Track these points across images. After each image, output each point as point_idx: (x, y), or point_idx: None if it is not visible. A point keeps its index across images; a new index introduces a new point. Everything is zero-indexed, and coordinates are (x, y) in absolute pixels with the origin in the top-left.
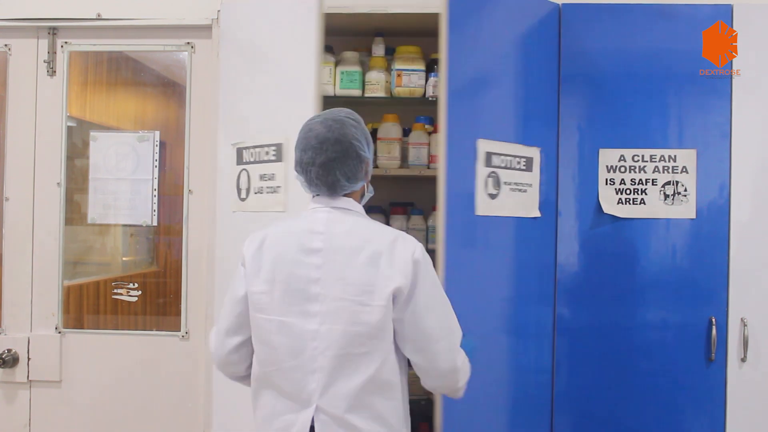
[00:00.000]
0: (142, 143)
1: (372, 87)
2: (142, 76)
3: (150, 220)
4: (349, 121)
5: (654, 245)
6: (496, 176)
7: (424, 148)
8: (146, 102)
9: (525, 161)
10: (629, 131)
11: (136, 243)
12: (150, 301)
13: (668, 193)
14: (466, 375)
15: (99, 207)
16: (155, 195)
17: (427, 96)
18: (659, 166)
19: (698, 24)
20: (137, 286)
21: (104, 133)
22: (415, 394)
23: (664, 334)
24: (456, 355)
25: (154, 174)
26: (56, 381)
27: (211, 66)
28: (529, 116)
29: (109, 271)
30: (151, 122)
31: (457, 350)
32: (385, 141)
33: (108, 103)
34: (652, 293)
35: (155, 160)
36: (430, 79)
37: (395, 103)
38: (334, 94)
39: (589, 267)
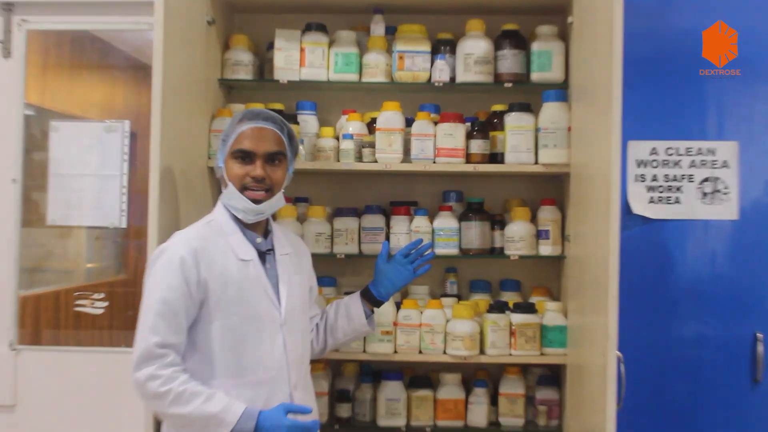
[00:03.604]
0: (109, 134)
1: (370, 71)
2: (110, 58)
3: (118, 222)
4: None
5: (690, 250)
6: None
7: (429, 140)
8: (115, 87)
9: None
10: (662, 121)
11: (103, 248)
12: (118, 314)
13: (706, 191)
14: (148, 398)
15: (60, 207)
16: (125, 193)
17: (433, 81)
18: (696, 160)
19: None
20: (103, 296)
21: (67, 122)
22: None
23: (701, 351)
24: (134, 365)
25: (123, 169)
26: (9, 405)
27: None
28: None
29: (71, 280)
30: (121, 110)
31: (137, 361)
32: (385, 132)
33: (71, 89)
34: (689, 305)
35: (125, 154)
36: (437, 62)
37: (397, 89)
38: (327, 79)
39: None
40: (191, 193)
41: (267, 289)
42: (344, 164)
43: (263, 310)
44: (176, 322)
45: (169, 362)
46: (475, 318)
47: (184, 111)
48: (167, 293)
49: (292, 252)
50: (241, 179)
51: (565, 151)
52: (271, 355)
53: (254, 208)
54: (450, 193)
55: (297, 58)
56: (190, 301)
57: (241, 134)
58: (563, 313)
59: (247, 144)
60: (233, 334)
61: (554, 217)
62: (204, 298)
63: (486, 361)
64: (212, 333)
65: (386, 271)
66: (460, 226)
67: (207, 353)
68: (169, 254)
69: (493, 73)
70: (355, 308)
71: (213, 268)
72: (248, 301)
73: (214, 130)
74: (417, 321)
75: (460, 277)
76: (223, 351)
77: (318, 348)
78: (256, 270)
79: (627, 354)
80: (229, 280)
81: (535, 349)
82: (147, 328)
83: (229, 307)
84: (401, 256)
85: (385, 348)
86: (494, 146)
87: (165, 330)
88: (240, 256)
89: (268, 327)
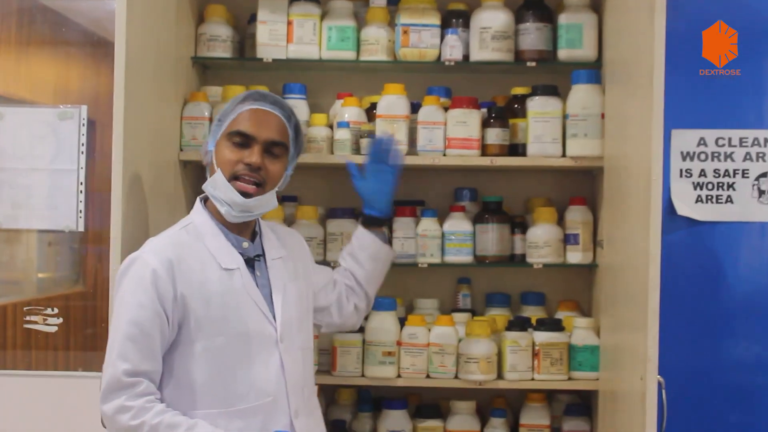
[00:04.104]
0: (64, 122)
1: (370, 48)
2: (65, 32)
3: (75, 225)
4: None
5: (744, 258)
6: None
7: (438, 128)
8: (70, 67)
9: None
10: (711, 106)
11: (57, 255)
12: (74, 332)
13: (764, 188)
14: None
15: (6, 206)
16: (82, 191)
17: (443, 60)
18: (752, 152)
19: None
20: (57, 311)
21: (13, 108)
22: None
23: (756, 376)
24: (101, 396)
25: (80, 163)
26: None
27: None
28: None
29: (20, 292)
30: (77, 94)
31: (105, 391)
32: (387, 119)
33: (18, 69)
34: (742, 322)
35: (82, 145)
36: (448, 38)
37: (400, 69)
38: (319, 57)
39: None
40: (161, 191)
41: (258, 301)
42: (339, 157)
43: (254, 327)
44: (149, 346)
45: (141, 391)
46: (492, 337)
47: (152, 95)
48: (137, 313)
49: (285, 255)
50: (233, 165)
51: (597, 142)
52: (265, 379)
53: (242, 202)
54: (463, 190)
55: (284, 32)
56: (165, 321)
57: (241, 115)
58: (595, 330)
59: (247, 126)
60: (219, 358)
61: (584, 219)
62: (182, 317)
63: (505, 386)
64: (194, 357)
65: (367, 187)
66: (474, 229)
67: (187, 381)
68: (139, 266)
69: (513, 51)
70: (371, 242)
71: (192, 281)
72: (235, 318)
73: (187, 117)
74: (424, 340)
75: (474, 288)
76: (207, 378)
77: (363, 306)
78: (243, 280)
79: (669, 378)
80: (212, 294)
81: (562, 372)
82: (115, 353)
83: (212, 326)
84: (373, 164)
85: (386, 371)
86: (514, 136)
87: (135, 356)
88: (223, 264)
89: (260, 346)
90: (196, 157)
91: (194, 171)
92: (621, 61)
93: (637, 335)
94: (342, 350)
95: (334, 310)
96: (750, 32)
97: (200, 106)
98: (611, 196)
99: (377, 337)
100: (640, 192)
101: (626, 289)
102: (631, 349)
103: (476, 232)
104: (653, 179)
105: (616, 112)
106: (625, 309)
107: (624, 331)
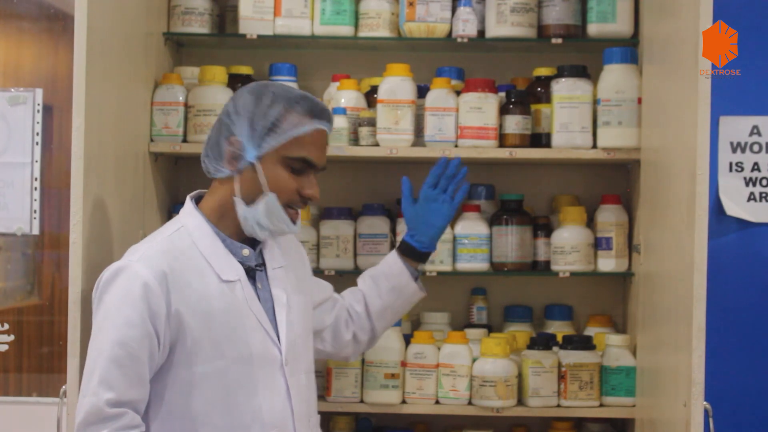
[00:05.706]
0: (14, 107)
1: (370, 22)
2: (16, 4)
3: (28, 227)
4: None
5: None
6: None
7: (450, 115)
8: (22, 45)
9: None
10: (766, 90)
11: (7, 262)
12: (28, 351)
13: None
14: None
15: None
16: (37, 188)
17: (455, 36)
18: None
19: None
20: (8, 327)
21: None
22: None
23: None
24: (77, 427)
25: (34, 155)
26: None
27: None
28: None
29: None
30: (30, 76)
31: (83, 422)
32: (390, 104)
33: None
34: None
35: (37, 134)
36: (460, 10)
37: (405, 46)
38: (311, 33)
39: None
40: (129, 187)
41: (261, 318)
42: (334, 148)
43: (257, 348)
44: (136, 371)
45: (125, 424)
46: (512, 356)
47: (118, 76)
48: (125, 332)
49: (286, 264)
50: (291, 195)
51: (633, 131)
52: (270, 408)
53: (290, 230)
54: (477, 187)
55: (270, 4)
56: (155, 342)
57: (309, 136)
58: (630, 349)
59: (315, 153)
60: (219, 384)
61: (619, 220)
62: (176, 337)
63: (526, 414)
64: (190, 383)
65: (418, 215)
66: (491, 232)
67: (182, 410)
68: (126, 278)
69: (536, 26)
70: (399, 272)
71: (188, 295)
72: (238, 337)
73: (158, 102)
74: (433, 360)
75: (491, 300)
76: (206, 406)
77: (365, 339)
78: (245, 293)
79: (716, 405)
80: (213, 310)
81: (593, 398)
82: (97, 379)
83: (212, 347)
84: (429, 189)
85: (389, 396)
86: (537, 124)
87: (121, 382)
88: (223, 275)
89: (264, 370)
90: (168, 148)
91: (166, 164)
92: (661, 37)
93: (679, 355)
94: (338, 372)
95: (328, 336)
96: None
97: (174, 90)
98: (649, 194)
99: (378, 356)
100: (683, 189)
101: (667, 301)
102: (672, 370)
103: (493, 236)
104: (698, 174)
105: (655, 97)
106: (666, 324)
107: (664, 351)
